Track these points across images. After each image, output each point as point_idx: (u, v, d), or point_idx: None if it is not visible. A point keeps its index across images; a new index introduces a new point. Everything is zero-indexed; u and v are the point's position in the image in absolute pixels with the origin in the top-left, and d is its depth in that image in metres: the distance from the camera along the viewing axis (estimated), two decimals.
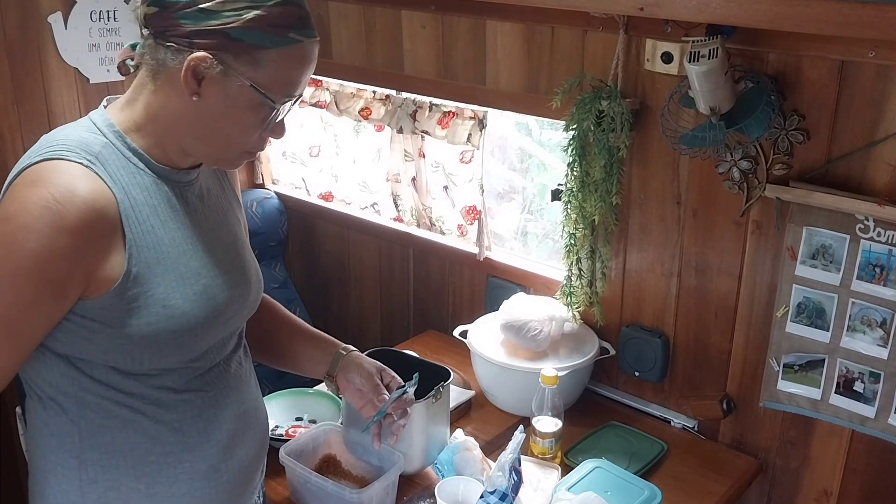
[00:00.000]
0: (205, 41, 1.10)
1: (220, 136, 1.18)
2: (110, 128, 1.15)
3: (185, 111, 1.15)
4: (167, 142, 1.18)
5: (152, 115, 1.17)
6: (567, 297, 1.97)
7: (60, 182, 1.06)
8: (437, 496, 1.53)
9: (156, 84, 1.15)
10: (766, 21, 1.37)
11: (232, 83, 1.12)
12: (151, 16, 1.12)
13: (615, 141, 1.77)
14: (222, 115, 1.15)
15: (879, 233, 1.55)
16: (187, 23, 1.10)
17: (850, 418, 1.67)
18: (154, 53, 1.14)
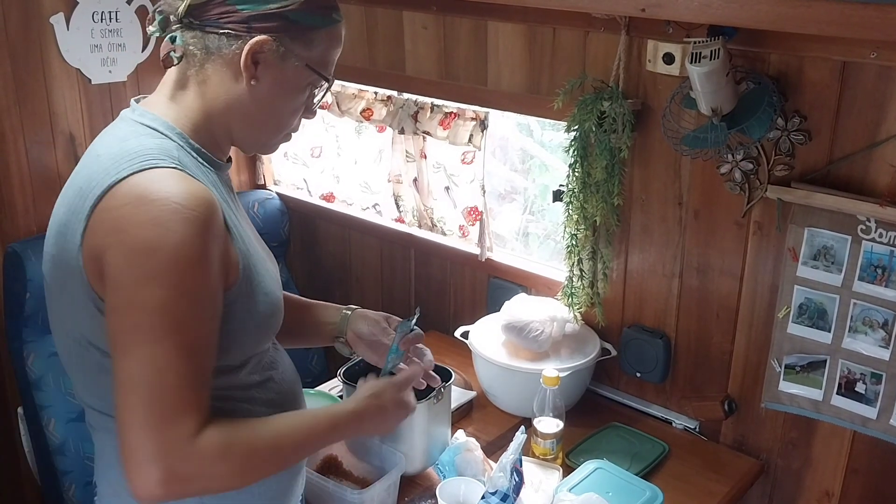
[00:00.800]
0: (264, 25, 1.12)
1: (271, 119, 1.21)
2: (171, 130, 1.13)
3: (240, 98, 1.16)
4: (219, 133, 1.19)
5: (204, 108, 1.17)
6: (568, 297, 1.97)
7: (175, 188, 1.03)
8: (439, 497, 1.53)
9: (204, 74, 1.15)
10: (767, 22, 1.37)
11: (289, 65, 1.15)
12: (200, 4, 1.12)
13: (617, 142, 1.78)
14: (277, 97, 1.18)
15: (881, 234, 1.55)
16: (245, 8, 1.11)
17: (851, 419, 1.67)
18: (201, 43, 1.13)
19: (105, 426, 1.15)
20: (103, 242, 1.03)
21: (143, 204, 1.02)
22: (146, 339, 1.00)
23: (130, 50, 2.31)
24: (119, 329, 1.01)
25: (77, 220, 1.06)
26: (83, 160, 1.14)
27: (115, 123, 1.18)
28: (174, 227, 1.01)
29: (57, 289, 1.13)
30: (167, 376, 0.99)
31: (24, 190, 2.19)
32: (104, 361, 1.08)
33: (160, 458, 0.97)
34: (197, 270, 1.03)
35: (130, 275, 1.01)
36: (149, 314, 1.00)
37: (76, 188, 1.09)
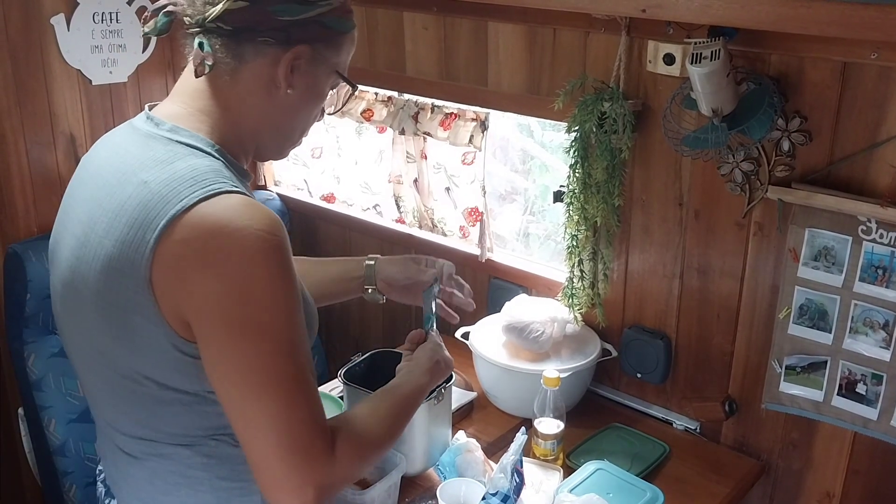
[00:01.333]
0: (303, 32, 1.10)
1: (297, 125, 1.20)
2: (210, 146, 1.09)
3: (272, 106, 1.14)
4: (247, 142, 1.17)
5: (234, 118, 1.13)
6: (569, 298, 1.97)
7: (252, 216, 1.01)
8: (439, 498, 1.53)
9: (237, 84, 1.12)
10: (768, 22, 1.37)
11: (320, 71, 1.15)
12: (237, 11, 1.07)
13: (617, 142, 1.77)
14: (306, 104, 1.17)
15: (882, 234, 1.55)
16: (285, 16, 1.09)
17: (852, 420, 1.67)
18: (235, 51, 1.10)
19: (157, 452, 1.13)
20: (185, 280, 0.99)
21: (226, 236, 0.99)
22: (270, 372, 1.01)
23: (131, 51, 2.31)
24: (234, 372, 1.01)
25: (138, 254, 1.00)
26: (120, 186, 1.06)
27: (141, 140, 1.10)
28: (265, 258, 1.00)
29: (105, 325, 1.06)
30: (297, 409, 1.02)
31: (25, 191, 2.19)
32: (163, 394, 1.08)
33: (309, 482, 1.01)
34: (292, 295, 1.03)
35: (235, 317, 0.99)
36: (265, 354, 1.00)
37: (129, 219, 1.02)
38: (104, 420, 1.20)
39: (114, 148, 1.14)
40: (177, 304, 1.01)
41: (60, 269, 1.14)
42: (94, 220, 1.08)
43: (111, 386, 1.12)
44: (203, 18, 1.09)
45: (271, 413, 1.01)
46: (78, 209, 1.13)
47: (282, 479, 1.01)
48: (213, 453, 1.14)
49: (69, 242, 1.12)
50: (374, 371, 1.69)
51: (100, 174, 1.12)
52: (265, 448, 1.01)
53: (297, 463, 1.01)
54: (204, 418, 1.11)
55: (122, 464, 1.19)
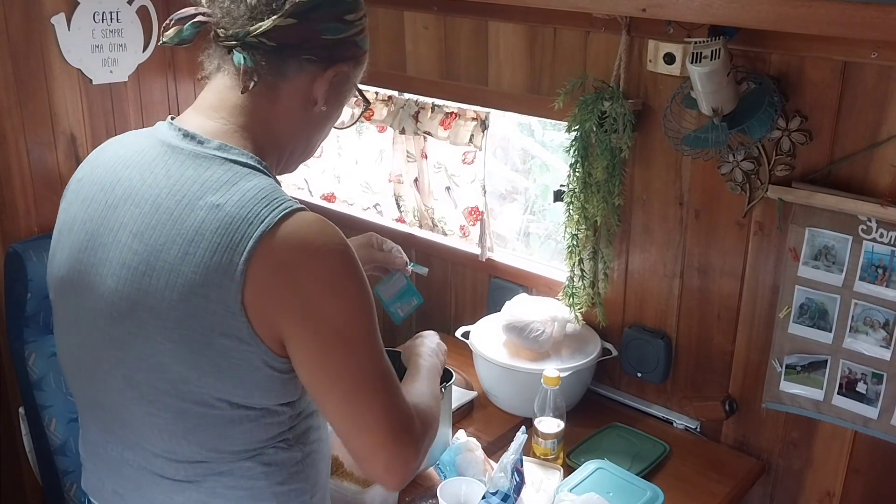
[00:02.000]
0: (343, 51, 1.13)
1: (320, 140, 1.24)
2: (260, 164, 1.10)
3: (307, 122, 1.17)
4: (281, 158, 1.19)
5: (274, 135, 1.14)
6: (569, 297, 1.97)
7: (328, 230, 1.05)
8: (440, 497, 1.53)
9: (277, 101, 1.13)
10: (768, 22, 1.37)
11: (346, 88, 1.18)
12: (285, 27, 1.07)
13: (617, 142, 1.78)
14: (331, 119, 1.21)
15: (882, 234, 1.55)
16: (328, 34, 1.10)
17: (852, 419, 1.67)
18: (277, 67, 1.10)
19: (216, 471, 1.12)
20: (280, 300, 1.01)
21: (313, 253, 1.03)
22: (369, 376, 1.07)
23: (132, 50, 2.31)
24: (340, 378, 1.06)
25: (227, 277, 1.00)
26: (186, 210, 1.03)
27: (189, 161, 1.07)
28: (350, 270, 1.05)
29: (184, 352, 1.04)
30: (393, 397, 1.09)
31: (26, 190, 2.19)
32: (232, 413, 1.08)
33: (414, 456, 1.11)
34: (371, 299, 1.09)
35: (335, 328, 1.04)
36: (364, 356, 1.07)
37: (209, 243, 1.00)
38: (150, 452, 1.14)
39: (148, 169, 1.09)
40: (271, 322, 1.03)
41: (106, 301, 1.08)
42: (155, 248, 1.04)
43: (178, 415, 1.09)
44: (245, 33, 1.08)
45: (380, 405, 1.07)
46: (121, 237, 1.07)
47: (392, 459, 1.08)
48: (271, 461, 1.14)
49: (118, 273, 1.07)
50: None
51: (142, 198, 1.07)
52: (376, 438, 1.07)
53: (405, 443, 1.09)
54: (266, 430, 1.12)
55: (164, 493, 1.15)
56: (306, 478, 1.19)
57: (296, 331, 1.03)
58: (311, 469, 1.20)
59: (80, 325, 1.14)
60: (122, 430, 1.15)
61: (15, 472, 2.34)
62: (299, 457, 1.17)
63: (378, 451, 1.08)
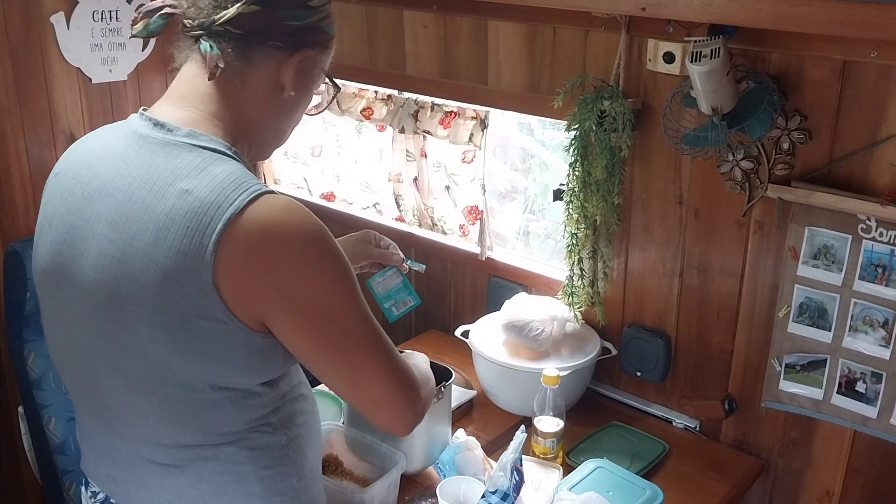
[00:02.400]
0: (308, 37, 1.15)
1: (291, 126, 1.25)
2: (230, 149, 1.11)
3: (276, 108, 1.18)
4: (252, 144, 1.20)
5: (244, 121, 1.16)
6: (569, 297, 1.97)
7: (298, 211, 1.07)
8: (439, 496, 1.53)
9: (245, 87, 1.14)
10: (768, 21, 1.37)
11: (314, 73, 1.20)
12: (249, 15, 1.09)
13: (617, 141, 1.77)
14: (301, 104, 1.22)
15: (881, 233, 1.55)
16: (293, 21, 1.12)
17: (852, 419, 1.67)
18: (244, 54, 1.12)
19: (201, 456, 1.14)
20: (257, 280, 1.03)
21: (284, 232, 1.04)
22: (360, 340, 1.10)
23: (131, 49, 2.31)
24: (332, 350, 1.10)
25: (197, 261, 1.01)
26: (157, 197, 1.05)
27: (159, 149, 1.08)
28: (324, 246, 1.07)
29: (163, 336, 1.06)
30: (385, 353, 1.13)
31: (25, 189, 2.19)
32: (214, 395, 1.10)
33: (418, 404, 1.17)
34: (350, 270, 1.11)
35: (316, 304, 1.07)
36: (353, 325, 1.10)
37: (180, 228, 1.02)
38: (138, 438, 1.16)
39: (120, 159, 1.11)
40: (249, 301, 1.05)
41: (86, 291, 1.10)
42: (130, 235, 1.05)
43: (162, 400, 1.11)
44: (210, 22, 1.10)
45: (371, 367, 1.12)
46: (97, 227, 1.09)
47: (400, 408, 1.14)
48: (255, 445, 1.16)
49: (95, 262, 1.08)
50: None
51: (115, 188, 1.09)
52: (380, 394, 1.13)
53: (407, 391, 1.15)
54: (248, 411, 1.14)
55: (155, 477, 1.17)
56: (292, 462, 1.20)
57: (276, 311, 1.05)
58: (298, 453, 1.21)
59: (64, 317, 1.17)
60: (111, 417, 1.18)
61: (14, 470, 2.34)
62: (284, 441, 1.18)
63: (383, 404, 1.14)
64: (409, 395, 1.15)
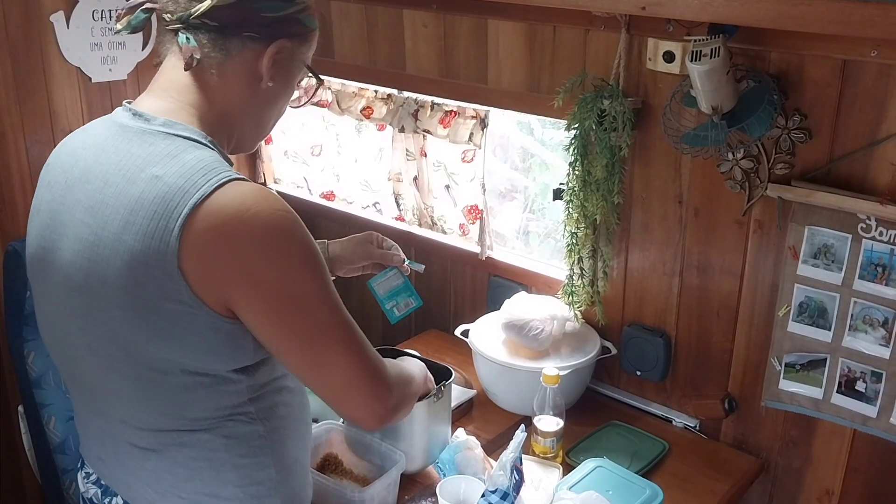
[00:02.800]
0: (285, 28, 1.16)
1: (272, 118, 1.27)
2: (205, 138, 1.14)
3: (255, 99, 1.20)
4: (230, 134, 1.22)
5: (219, 110, 1.18)
6: (569, 296, 1.97)
7: (267, 197, 1.07)
8: (439, 495, 1.53)
9: (223, 78, 1.16)
10: (768, 20, 1.37)
11: (295, 65, 1.22)
12: (223, 7, 1.12)
13: (617, 140, 1.77)
14: (281, 96, 1.24)
15: (881, 232, 1.55)
16: (268, 12, 1.14)
17: (851, 418, 1.67)
18: (221, 45, 1.14)
19: (177, 442, 1.16)
20: (221, 264, 1.04)
21: (250, 218, 1.04)
22: (326, 327, 1.10)
23: (130, 48, 2.31)
24: (297, 338, 1.10)
25: (163, 244, 1.04)
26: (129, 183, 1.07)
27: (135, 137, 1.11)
28: (291, 232, 1.07)
29: (134, 319, 1.08)
30: (355, 343, 1.13)
31: (25, 188, 2.19)
32: (187, 380, 1.12)
33: (386, 397, 1.15)
34: (320, 259, 1.11)
35: (282, 290, 1.07)
36: (318, 313, 1.10)
37: (148, 212, 1.04)
38: (116, 419, 1.20)
39: (101, 148, 1.14)
40: (214, 285, 1.06)
41: (63, 274, 1.14)
42: (103, 220, 1.09)
43: (134, 381, 1.14)
44: (187, 15, 1.13)
45: (337, 356, 1.11)
46: (76, 213, 1.13)
47: (367, 399, 1.13)
48: (231, 434, 1.17)
49: (72, 246, 1.12)
50: None
51: (94, 175, 1.12)
52: (346, 383, 1.12)
53: (374, 384, 1.14)
54: (222, 398, 1.15)
55: (136, 459, 1.20)
56: (271, 453, 1.21)
57: (240, 295, 1.06)
58: (278, 445, 1.22)
59: (48, 301, 1.21)
60: (94, 399, 1.22)
61: (14, 470, 2.34)
62: (262, 431, 1.19)
63: (349, 394, 1.13)
64: (376, 388, 1.14)
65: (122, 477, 1.24)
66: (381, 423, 1.18)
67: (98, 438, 1.26)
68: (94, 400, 1.23)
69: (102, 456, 1.26)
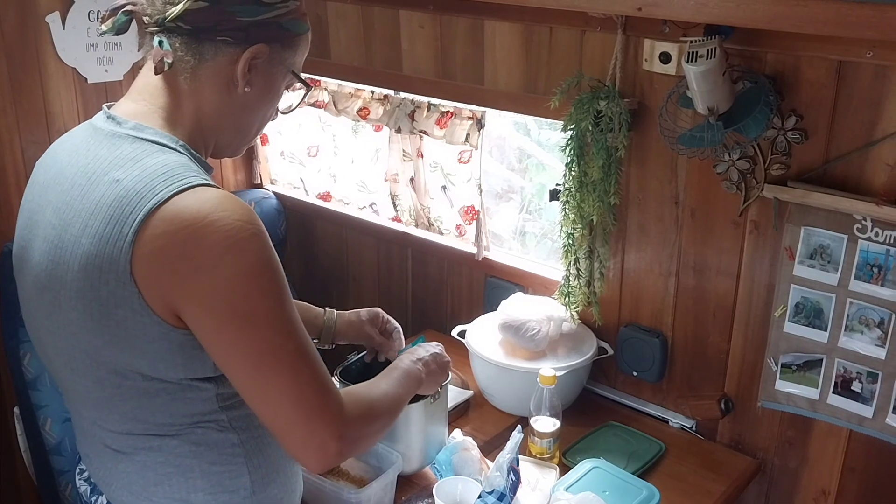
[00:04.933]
0: (262, 33, 1.14)
1: (254, 124, 1.24)
2: (175, 142, 1.12)
3: (231, 104, 1.18)
4: (208, 139, 1.20)
5: (195, 115, 1.17)
6: (565, 297, 1.97)
7: (228, 206, 1.04)
8: (436, 496, 1.53)
9: (197, 82, 1.15)
10: (764, 21, 1.37)
11: (277, 70, 1.19)
12: (197, 11, 1.10)
13: (613, 141, 1.78)
14: (263, 102, 1.21)
15: (877, 233, 1.56)
16: (244, 16, 1.12)
17: (847, 418, 1.67)
18: (195, 49, 1.13)
19: (145, 446, 1.16)
20: (172, 272, 1.02)
21: (207, 226, 1.01)
22: (274, 352, 1.06)
23: (126, 49, 2.30)
24: (240, 356, 1.06)
25: (116, 249, 1.03)
26: (91, 186, 1.08)
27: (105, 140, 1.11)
28: (249, 245, 1.03)
29: (89, 322, 1.08)
30: (306, 374, 1.08)
31: (20, 189, 2.18)
32: (148, 385, 1.11)
33: (330, 438, 1.09)
34: (279, 277, 1.07)
35: (231, 305, 1.03)
36: (264, 335, 1.05)
37: (104, 216, 1.04)
38: (88, 420, 1.21)
39: (75, 150, 1.15)
40: (164, 294, 1.04)
41: (33, 273, 1.14)
42: (66, 222, 1.09)
43: (96, 383, 1.13)
44: (163, 18, 1.12)
45: (282, 385, 1.06)
46: (46, 214, 1.13)
47: (306, 439, 1.08)
48: (200, 441, 1.16)
49: (40, 247, 1.13)
50: (370, 370, 1.69)
51: (64, 177, 1.12)
52: (284, 417, 1.07)
53: (315, 423, 1.08)
54: (188, 405, 1.14)
55: (111, 461, 1.20)
56: (246, 461, 1.19)
57: (188, 306, 1.03)
58: (256, 454, 1.20)
59: (26, 300, 1.21)
60: (69, 398, 1.23)
61: (10, 471, 2.34)
62: (235, 440, 1.18)
63: (290, 429, 1.08)
64: (319, 429, 1.08)
65: (102, 476, 1.25)
66: (323, 466, 1.12)
67: (81, 435, 1.28)
68: (70, 400, 1.24)
69: (88, 453, 1.28)
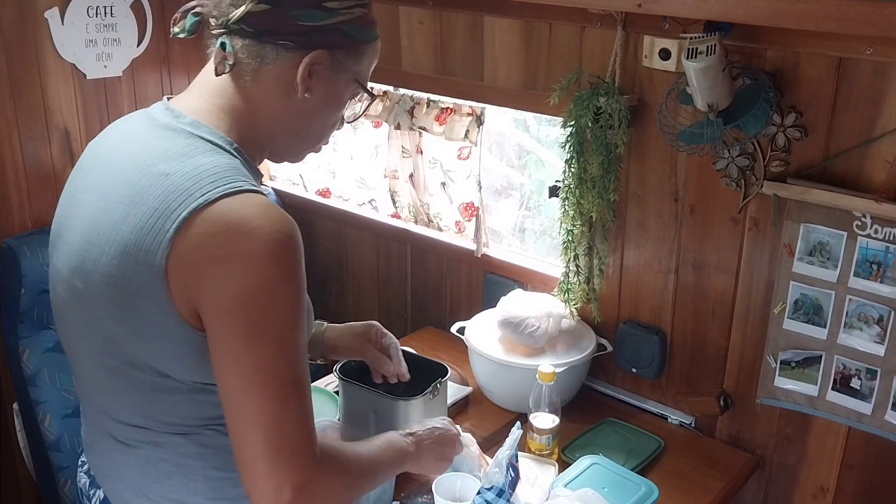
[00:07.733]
0: (323, 38, 1.12)
1: (315, 130, 1.23)
2: (230, 145, 1.12)
3: (290, 109, 1.16)
4: (263, 143, 1.19)
5: (253, 119, 1.16)
6: (565, 293, 1.97)
7: (271, 216, 1.03)
8: (435, 492, 1.53)
9: (257, 85, 1.14)
10: (763, 17, 1.37)
11: (339, 78, 1.17)
12: (259, 13, 1.10)
13: (613, 137, 1.77)
14: (323, 109, 1.20)
15: (876, 230, 1.56)
16: (306, 21, 1.11)
17: (846, 415, 1.67)
18: (256, 52, 1.12)
19: (151, 441, 1.15)
20: (202, 272, 1.02)
21: (245, 234, 1.01)
22: (271, 372, 1.03)
23: (126, 45, 2.30)
24: (237, 367, 1.03)
25: (155, 242, 1.03)
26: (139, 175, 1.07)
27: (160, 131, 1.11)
28: (282, 259, 1.02)
29: (114, 309, 1.08)
30: (292, 408, 1.04)
31: (19, 185, 2.18)
32: (162, 382, 1.11)
33: (288, 483, 1.02)
34: (301, 300, 1.05)
35: (248, 315, 1.01)
36: (269, 355, 1.02)
37: (148, 208, 1.04)
38: (97, 407, 1.21)
39: (129, 136, 1.15)
40: (190, 294, 1.03)
41: (67, 252, 1.14)
42: (108, 206, 1.09)
43: (112, 372, 1.13)
44: (227, 20, 1.11)
45: (264, 411, 1.02)
46: (89, 195, 1.13)
47: (264, 475, 1.02)
48: (208, 443, 1.16)
49: (78, 226, 1.13)
50: (368, 366, 1.69)
51: (113, 162, 1.13)
52: (253, 444, 1.03)
53: (280, 462, 1.02)
54: (201, 408, 1.14)
55: (113, 452, 1.20)
56: None
57: (208, 304, 1.03)
58: None
59: (56, 277, 1.20)
60: (80, 384, 1.24)
61: (9, 467, 2.34)
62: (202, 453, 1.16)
63: (253, 459, 1.02)
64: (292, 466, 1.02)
65: (101, 467, 1.25)
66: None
67: (87, 424, 1.28)
68: (81, 386, 1.25)
69: (90, 442, 1.27)
